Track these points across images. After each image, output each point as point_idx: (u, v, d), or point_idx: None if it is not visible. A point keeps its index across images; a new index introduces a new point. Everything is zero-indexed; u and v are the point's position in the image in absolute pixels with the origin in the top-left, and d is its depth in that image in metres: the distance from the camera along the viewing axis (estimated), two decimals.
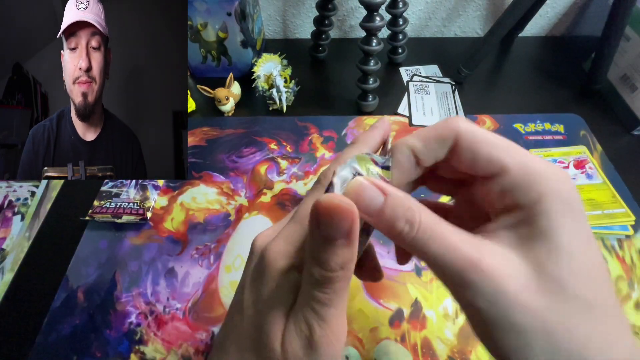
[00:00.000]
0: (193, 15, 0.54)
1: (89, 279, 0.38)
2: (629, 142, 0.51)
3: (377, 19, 0.47)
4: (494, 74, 0.63)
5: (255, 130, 0.53)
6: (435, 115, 0.54)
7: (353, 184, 0.16)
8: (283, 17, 0.70)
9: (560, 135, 0.51)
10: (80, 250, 0.41)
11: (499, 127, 0.53)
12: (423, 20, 0.70)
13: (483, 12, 0.69)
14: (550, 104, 0.56)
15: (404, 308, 0.36)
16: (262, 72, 0.54)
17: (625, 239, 0.40)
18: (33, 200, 0.45)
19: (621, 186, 0.45)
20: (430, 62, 0.64)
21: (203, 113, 0.56)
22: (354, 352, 0.34)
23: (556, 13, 0.69)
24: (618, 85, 0.55)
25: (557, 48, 0.68)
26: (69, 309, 0.37)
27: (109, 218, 0.42)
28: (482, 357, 0.33)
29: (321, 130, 0.52)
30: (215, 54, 0.59)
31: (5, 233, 0.42)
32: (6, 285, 0.38)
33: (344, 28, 0.72)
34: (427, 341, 0.34)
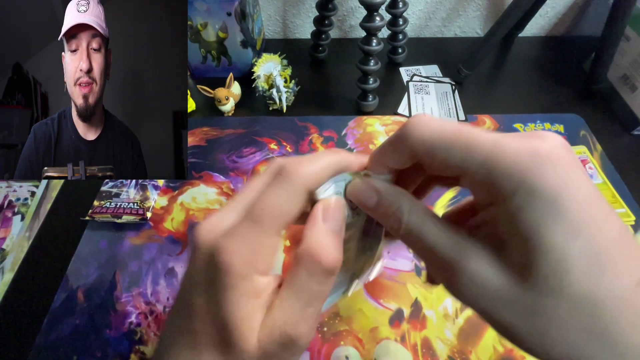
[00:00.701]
0: (193, 15, 0.54)
1: (89, 279, 0.38)
2: (629, 142, 0.51)
3: (377, 19, 0.47)
4: (494, 74, 0.63)
5: (255, 130, 0.53)
6: (435, 115, 0.54)
7: (352, 185, 0.18)
8: (283, 17, 0.70)
9: (560, 135, 0.51)
10: (80, 250, 0.41)
11: (499, 127, 0.53)
12: (423, 20, 0.70)
13: (483, 12, 0.69)
14: (550, 104, 0.56)
15: (404, 308, 0.36)
16: (262, 72, 0.54)
17: None
18: (33, 200, 0.45)
19: (621, 186, 0.45)
20: (430, 62, 0.64)
21: (203, 113, 0.56)
22: (354, 352, 0.34)
23: (556, 13, 0.69)
24: (618, 85, 0.55)
25: (557, 48, 0.68)
26: (69, 309, 0.37)
27: (109, 218, 0.42)
28: (482, 357, 0.33)
29: (321, 130, 0.52)
30: (215, 54, 0.59)
31: (5, 233, 0.42)
32: (6, 285, 0.38)
33: (344, 28, 0.72)
34: (427, 341, 0.34)
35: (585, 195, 0.14)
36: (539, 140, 0.15)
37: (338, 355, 0.33)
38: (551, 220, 0.14)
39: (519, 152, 0.15)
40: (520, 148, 0.15)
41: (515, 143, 0.15)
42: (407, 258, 0.39)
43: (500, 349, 0.34)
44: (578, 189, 0.14)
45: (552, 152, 0.15)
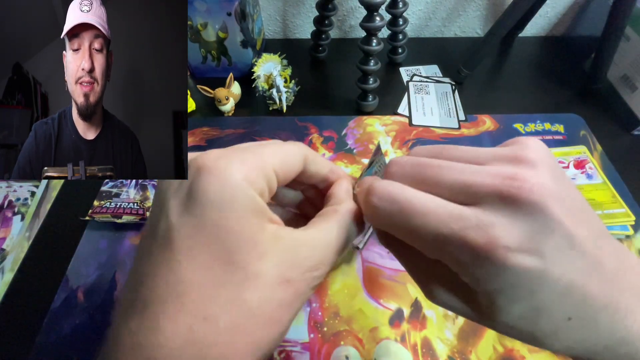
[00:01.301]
0: (193, 15, 0.54)
1: (89, 279, 0.38)
2: (629, 142, 0.51)
3: (377, 19, 0.47)
4: (494, 74, 0.63)
5: (255, 130, 0.53)
6: (435, 115, 0.54)
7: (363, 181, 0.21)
8: (283, 17, 0.70)
9: (560, 135, 0.51)
10: (80, 250, 0.41)
11: (499, 127, 0.53)
12: (423, 20, 0.70)
13: (483, 12, 0.69)
14: (550, 104, 0.56)
15: (404, 308, 0.36)
16: (262, 72, 0.54)
17: (625, 239, 0.40)
18: (33, 200, 0.45)
19: (621, 186, 0.45)
20: (430, 62, 0.64)
21: (203, 113, 0.56)
22: (354, 352, 0.34)
23: (556, 13, 0.69)
24: (618, 85, 0.55)
25: (557, 48, 0.68)
26: (69, 309, 0.37)
27: (109, 218, 0.42)
28: (482, 357, 0.33)
29: (321, 130, 0.52)
30: (215, 54, 0.59)
31: (5, 233, 0.42)
32: (6, 285, 0.38)
33: (344, 28, 0.72)
34: (427, 341, 0.34)
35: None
36: (474, 231, 0.16)
37: (338, 355, 0.33)
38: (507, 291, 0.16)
39: (465, 243, 0.16)
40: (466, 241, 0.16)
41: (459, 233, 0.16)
42: None
43: (500, 349, 0.34)
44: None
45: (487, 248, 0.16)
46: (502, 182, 0.16)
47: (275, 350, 0.34)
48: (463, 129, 0.52)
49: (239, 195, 0.16)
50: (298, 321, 0.35)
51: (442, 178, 0.17)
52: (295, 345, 0.34)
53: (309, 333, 0.35)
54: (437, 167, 0.18)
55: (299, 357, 0.33)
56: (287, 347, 0.34)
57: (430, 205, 0.16)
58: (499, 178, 0.16)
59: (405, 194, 0.17)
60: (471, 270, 0.16)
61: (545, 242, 0.15)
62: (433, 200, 0.17)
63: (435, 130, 0.52)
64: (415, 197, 0.17)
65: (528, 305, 0.16)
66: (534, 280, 0.15)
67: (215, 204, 0.15)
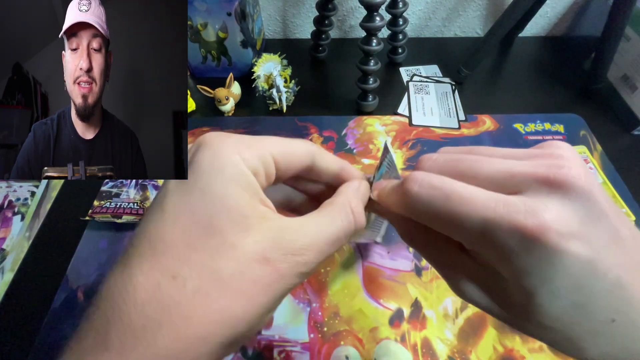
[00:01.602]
0: (193, 15, 0.54)
1: (89, 279, 0.38)
2: (629, 142, 0.51)
3: (377, 19, 0.47)
4: (494, 74, 0.63)
5: (255, 130, 0.53)
6: (435, 115, 0.54)
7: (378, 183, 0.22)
8: (283, 17, 0.70)
9: (560, 135, 0.51)
10: (80, 250, 0.41)
11: (499, 127, 0.53)
12: (423, 20, 0.70)
13: (483, 12, 0.69)
14: (550, 104, 0.56)
15: (404, 308, 0.36)
16: (262, 72, 0.54)
17: None
18: (33, 200, 0.45)
19: (621, 186, 0.45)
20: (430, 62, 0.64)
21: (203, 113, 0.56)
22: (354, 352, 0.34)
23: (556, 13, 0.69)
24: (618, 85, 0.55)
25: (557, 48, 0.68)
26: (69, 309, 0.37)
27: (109, 218, 0.42)
28: (482, 357, 0.33)
29: (321, 130, 0.52)
30: (215, 54, 0.59)
31: (5, 233, 0.42)
32: (6, 285, 0.38)
33: (344, 28, 0.72)
34: (427, 341, 0.34)
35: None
36: (532, 217, 0.15)
37: (338, 355, 0.33)
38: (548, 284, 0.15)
39: (514, 228, 0.15)
40: (515, 222, 0.15)
41: (510, 215, 0.15)
42: (407, 258, 0.39)
43: (500, 349, 0.34)
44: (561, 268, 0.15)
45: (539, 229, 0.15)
46: (549, 169, 0.15)
47: (275, 350, 0.34)
48: (463, 129, 0.52)
49: (229, 166, 0.16)
50: (298, 321, 0.35)
51: (481, 170, 0.17)
52: (295, 345, 0.34)
53: (309, 333, 0.35)
54: (473, 160, 0.17)
55: (299, 357, 0.33)
56: (287, 347, 0.34)
57: (475, 191, 0.16)
58: (543, 167, 0.15)
59: (447, 182, 0.17)
60: (516, 260, 0.15)
61: (593, 230, 0.14)
62: (476, 188, 0.16)
63: (435, 130, 0.52)
64: (458, 184, 0.16)
65: (571, 302, 0.15)
66: (582, 272, 0.14)
67: (206, 171, 0.16)
